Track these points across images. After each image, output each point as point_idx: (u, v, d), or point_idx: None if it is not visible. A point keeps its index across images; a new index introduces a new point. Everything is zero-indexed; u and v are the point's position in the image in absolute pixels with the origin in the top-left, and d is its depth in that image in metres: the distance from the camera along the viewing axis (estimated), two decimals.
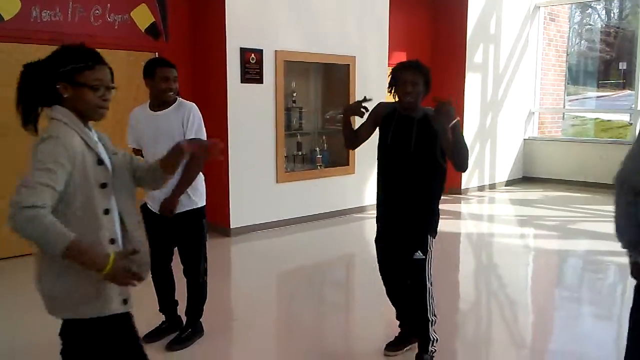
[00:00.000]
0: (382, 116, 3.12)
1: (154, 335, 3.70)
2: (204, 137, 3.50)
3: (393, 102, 3.14)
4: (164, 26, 6.46)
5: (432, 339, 3.17)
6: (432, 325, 3.16)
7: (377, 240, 3.34)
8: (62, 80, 1.89)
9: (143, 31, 6.31)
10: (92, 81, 1.94)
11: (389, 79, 3.10)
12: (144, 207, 3.63)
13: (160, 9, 6.40)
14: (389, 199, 3.16)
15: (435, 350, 3.24)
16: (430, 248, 3.14)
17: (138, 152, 3.63)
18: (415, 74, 2.97)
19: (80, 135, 1.91)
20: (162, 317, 3.81)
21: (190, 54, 6.70)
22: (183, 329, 3.70)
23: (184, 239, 3.60)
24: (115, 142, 3.50)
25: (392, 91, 3.10)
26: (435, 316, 3.18)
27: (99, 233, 1.90)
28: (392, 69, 3.08)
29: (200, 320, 3.77)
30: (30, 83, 1.91)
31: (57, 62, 1.91)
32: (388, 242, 3.26)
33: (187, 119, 3.43)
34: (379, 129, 3.17)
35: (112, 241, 1.97)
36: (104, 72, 2.00)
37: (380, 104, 3.25)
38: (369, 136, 3.27)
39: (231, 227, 6.50)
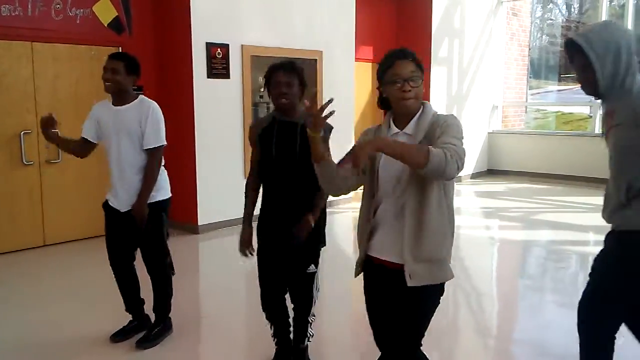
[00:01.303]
0: (259, 132, 2.97)
1: (121, 335, 3.66)
2: (162, 136, 3.46)
3: (269, 114, 3.05)
4: (128, 20, 6.35)
5: (309, 335, 3.20)
6: (310, 325, 3.18)
7: (261, 255, 3.08)
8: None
9: (106, 26, 6.18)
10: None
11: (263, 80, 2.93)
12: (106, 205, 3.59)
13: (124, 3, 6.29)
14: (278, 211, 2.96)
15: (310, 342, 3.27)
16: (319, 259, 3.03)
17: (84, 142, 3.61)
18: (290, 74, 2.81)
19: None
20: (130, 317, 3.77)
21: (155, 49, 6.60)
22: (152, 326, 3.67)
23: (144, 234, 3.53)
24: (77, 137, 3.47)
25: (267, 93, 2.97)
26: (314, 316, 3.18)
27: None
28: (267, 70, 2.90)
29: (170, 317, 3.74)
30: None
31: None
32: (275, 256, 3.02)
33: (146, 117, 3.40)
34: (260, 144, 2.96)
35: None
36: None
37: (251, 126, 3.13)
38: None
39: (199, 224, 6.45)
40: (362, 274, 2.32)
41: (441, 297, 2.20)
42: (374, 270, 2.23)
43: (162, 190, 3.57)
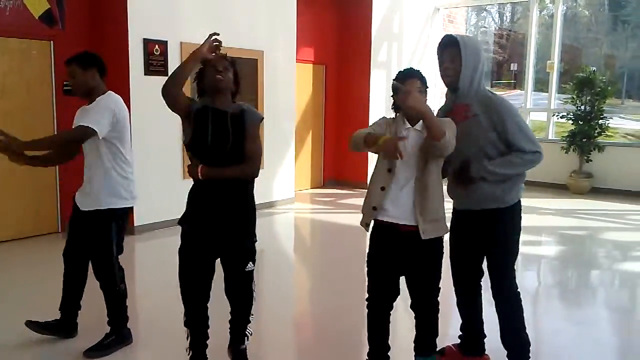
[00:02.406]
0: (194, 109, 2.80)
1: (37, 326, 3.52)
2: (89, 120, 3.26)
3: (202, 99, 2.91)
4: (60, 13, 6.11)
5: (248, 334, 3.08)
6: (249, 324, 3.07)
7: (187, 253, 2.90)
8: None
9: (37, 18, 5.93)
10: None
11: (197, 72, 2.89)
12: (74, 199, 3.50)
13: None
14: (209, 205, 2.81)
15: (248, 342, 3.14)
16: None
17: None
18: (227, 63, 2.85)
19: None
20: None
21: (90, 43, 6.37)
22: (106, 335, 3.49)
23: (89, 242, 3.41)
24: (11, 130, 3.29)
25: (199, 83, 2.90)
26: (252, 315, 3.07)
27: None
28: (202, 63, 2.85)
29: (129, 328, 3.59)
30: None
31: None
32: (205, 255, 2.88)
33: (93, 105, 3.36)
34: (195, 124, 2.78)
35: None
36: None
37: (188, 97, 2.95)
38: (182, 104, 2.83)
39: (135, 224, 6.29)
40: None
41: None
42: (386, 231, 2.81)
43: (117, 197, 3.36)
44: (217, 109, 2.80)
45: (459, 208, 3.13)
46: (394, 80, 2.81)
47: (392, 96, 2.84)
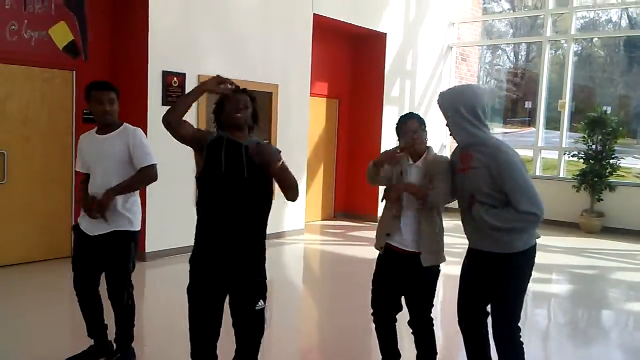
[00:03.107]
0: (208, 141, 2.77)
1: (80, 359, 3.60)
2: (153, 155, 3.65)
3: (220, 132, 2.84)
4: (84, 45, 6.34)
5: None
6: None
7: (195, 291, 2.80)
8: None
9: (61, 49, 6.16)
10: None
11: (216, 105, 2.88)
12: (77, 228, 3.58)
13: (81, 27, 6.29)
14: (222, 238, 2.73)
15: None
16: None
17: (85, 177, 3.62)
18: (247, 99, 2.84)
19: None
20: (80, 342, 3.72)
21: (111, 74, 6.59)
22: (113, 353, 3.62)
23: (111, 260, 3.53)
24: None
25: (217, 116, 2.87)
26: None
27: None
28: (220, 97, 2.89)
29: (133, 347, 3.70)
30: None
31: None
32: (213, 292, 2.77)
33: (133, 141, 3.52)
34: (207, 155, 2.75)
35: None
36: None
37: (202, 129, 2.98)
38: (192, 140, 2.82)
39: (146, 251, 6.38)
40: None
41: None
42: (394, 255, 3.23)
43: (136, 221, 3.59)
44: (232, 140, 2.75)
45: (471, 246, 3.15)
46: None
47: (398, 140, 3.25)
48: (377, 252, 3.34)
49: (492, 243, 2.96)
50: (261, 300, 2.78)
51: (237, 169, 2.69)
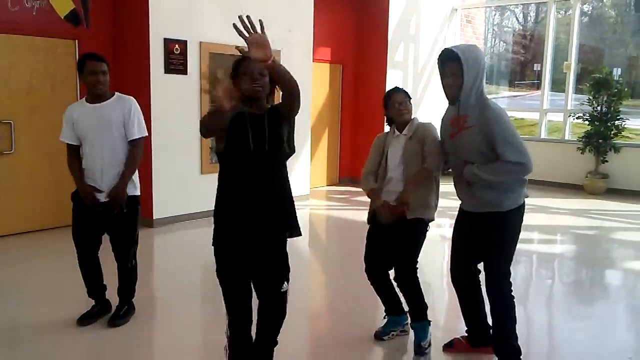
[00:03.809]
0: (231, 116, 2.60)
1: (88, 318, 3.81)
2: (144, 127, 3.76)
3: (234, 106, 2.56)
4: (85, 13, 6.35)
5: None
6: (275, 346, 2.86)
7: (224, 272, 2.73)
8: None
9: (62, 18, 6.17)
10: None
11: (232, 71, 2.70)
12: (76, 196, 3.71)
13: None
14: (250, 215, 2.64)
15: None
16: None
17: (72, 147, 3.71)
18: (260, 64, 2.51)
19: None
20: (91, 301, 3.92)
21: (112, 43, 6.61)
22: (119, 306, 3.86)
23: (119, 224, 3.72)
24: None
25: (234, 83, 2.67)
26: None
27: None
28: (235, 61, 2.71)
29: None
30: None
31: None
32: (239, 276, 2.72)
33: (129, 112, 3.66)
34: (230, 133, 2.62)
35: None
36: None
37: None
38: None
39: (154, 217, 6.50)
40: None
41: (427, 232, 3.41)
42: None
43: (138, 185, 3.82)
44: (254, 114, 2.64)
45: (464, 208, 3.27)
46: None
47: (385, 114, 3.52)
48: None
49: (483, 204, 3.07)
50: (285, 282, 2.73)
51: (262, 142, 2.61)
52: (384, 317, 3.74)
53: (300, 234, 2.77)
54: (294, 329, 3.96)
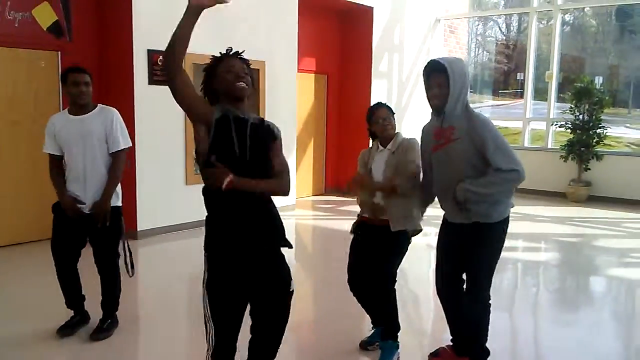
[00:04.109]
0: (217, 116, 2.38)
1: (68, 328, 3.80)
2: (128, 139, 3.76)
3: (220, 105, 2.45)
4: (68, 25, 6.32)
5: None
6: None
7: (218, 289, 2.43)
8: None
9: (45, 30, 6.14)
10: None
11: (206, 73, 2.55)
12: (57, 208, 3.70)
13: (64, 8, 6.26)
14: (240, 225, 2.40)
15: None
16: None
17: (55, 158, 3.71)
18: (245, 63, 2.52)
19: None
20: (71, 312, 3.90)
21: (96, 54, 6.58)
22: (102, 320, 3.83)
23: (101, 236, 3.70)
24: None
25: (210, 85, 2.51)
26: None
27: None
28: (212, 60, 2.57)
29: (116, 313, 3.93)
30: None
31: None
32: (237, 291, 2.45)
33: (111, 123, 3.66)
34: (215, 135, 2.36)
35: None
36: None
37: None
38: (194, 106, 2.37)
39: (138, 229, 6.45)
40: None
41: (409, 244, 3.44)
42: (365, 226, 3.51)
43: (121, 195, 3.81)
44: (239, 117, 2.42)
45: (449, 220, 3.25)
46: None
47: (368, 129, 3.55)
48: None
49: (471, 216, 3.04)
50: (292, 281, 2.56)
51: (243, 150, 2.37)
52: (372, 328, 3.74)
53: (291, 246, 2.58)
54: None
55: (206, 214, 2.46)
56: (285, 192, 2.54)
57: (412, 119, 10.63)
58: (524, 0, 18.58)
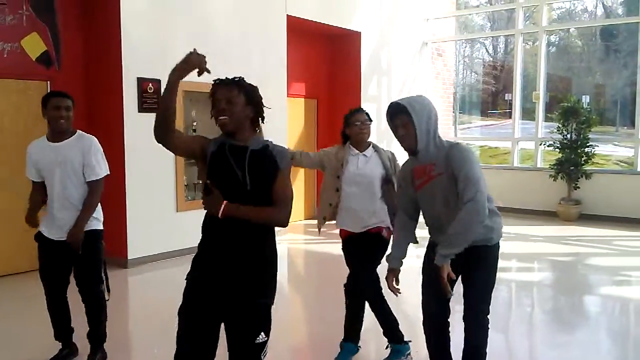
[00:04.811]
0: (212, 149, 2.39)
1: None
2: (106, 167, 3.65)
3: (215, 137, 2.47)
4: (57, 55, 6.34)
5: None
6: None
7: (188, 312, 2.44)
8: None
9: (34, 60, 6.15)
10: None
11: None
12: (39, 235, 3.64)
13: (53, 38, 6.29)
14: (226, 255, 2.35)
15: None
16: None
17: (38, 184, 3.66)
18: (231, 89, 2.39)
19: None
20: (59, 345, 3.79)
21: (85, 83, 6.60)
22: (91, 354, 3.71)
23: (80, 262, 3.60)
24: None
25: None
26: None
27: None
28: (213, 84, 2.53)
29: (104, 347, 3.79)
30: None
31: None
32: (208, 315, 2.38)
33: (88, 151, 3.55)
34: (210, 167, 2.37)
35: None
36: None
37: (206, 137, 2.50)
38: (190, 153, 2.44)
39: (129, 257, 6.40)
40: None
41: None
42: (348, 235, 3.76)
43: (101, 219, 3.72)
44: (236, 146, 2.37)
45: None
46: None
47: (342, 131, 3.75)
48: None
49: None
50: (262, 333, 2.39)
51: (243, 178, 2.33)
52: (386, 347, 3.76)
53: (266, 299, 2.43)
54: None
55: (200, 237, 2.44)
56: (281, 222, 2.40)
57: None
58: (510, 22, 18.90)
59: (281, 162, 2.42)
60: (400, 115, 2.90)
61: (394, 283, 3.12)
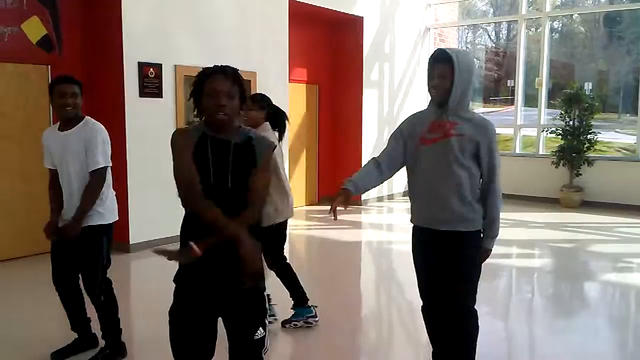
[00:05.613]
0: (194, 143, 2.28)
1: (65, 352, 3.61)
2: (105, 159, 3.46)
3: (196, 125, 2.37)
4: (58, 39, 6.30)
5: None
6: None
7: (181, 315, 2.39)
8: None
9: (34, 44, 6.12)
10: None
11: (193, 87, 2.32)
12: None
13: (54, 21, 6.25)
14: (212, 253, 2.23)
15: None
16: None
17: (53, 172, 3.56)
18: (232, 83, 2.25)
19: None
20: (63, 330, 3.75)
21: (86, 67, 6.56)
22: (101, 349, 3.60)
23: (82, 256, 3.50)
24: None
25: (194, 103, 2.32)
26: None
27: None
28: (198, 75, 2.31)
29: (123, 342, 3.66)
30: None
31: None
32: (203, 315, 2.34)
33: (90, 141, 3.40)
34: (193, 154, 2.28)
35: None
36: None
37: (181, 131, 2.41)
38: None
39: (131, 242, 6.41)
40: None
41: None
42: None
43: (109, 212, 3.54)
44: (218, 139, 2.27)
45: (424, 225, 2.96)
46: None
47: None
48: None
49: (453, 219, 2.83)
50: (261, 328, 2.40)
51: (224, 176, 2.24)
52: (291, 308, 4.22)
53: (263, 280, 2.35)
54: (274, 349, 3.93)
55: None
56: (254, 222, 2.30)
57: None
58: (513, 8, 18.78)
59: (259, 155, 2.29)
60: (443, 64, 2.78)
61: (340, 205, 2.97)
